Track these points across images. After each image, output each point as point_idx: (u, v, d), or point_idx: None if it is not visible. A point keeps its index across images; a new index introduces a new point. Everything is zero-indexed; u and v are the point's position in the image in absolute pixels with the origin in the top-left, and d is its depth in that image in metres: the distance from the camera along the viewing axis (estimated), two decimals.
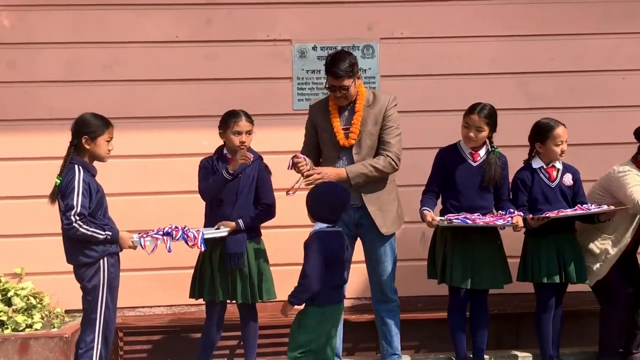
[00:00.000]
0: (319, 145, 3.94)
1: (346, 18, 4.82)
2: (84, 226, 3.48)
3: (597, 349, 4.17)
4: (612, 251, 3.95)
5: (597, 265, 3.97)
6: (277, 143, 4.50)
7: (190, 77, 4.72)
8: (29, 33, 4.63)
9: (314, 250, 3.36)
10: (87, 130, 3.57)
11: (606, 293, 4.03)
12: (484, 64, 4.86)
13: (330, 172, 3.73)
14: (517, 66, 4.87)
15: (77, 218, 3.46)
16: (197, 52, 4.73)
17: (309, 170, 3.69)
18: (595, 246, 3.99)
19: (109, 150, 3.64)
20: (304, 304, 3.42)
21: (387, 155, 3.83)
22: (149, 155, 4.66)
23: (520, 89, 4.87)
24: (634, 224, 3.92)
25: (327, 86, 3.84)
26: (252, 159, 3.80)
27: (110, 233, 3.56)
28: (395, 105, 3.91)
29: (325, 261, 3.37)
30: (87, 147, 3.58)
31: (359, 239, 3.98)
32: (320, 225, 3.44)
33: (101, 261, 3.53)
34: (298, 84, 4.80)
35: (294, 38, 4.79)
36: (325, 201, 3.43)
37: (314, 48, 4.82)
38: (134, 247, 3.64)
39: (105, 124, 3.63)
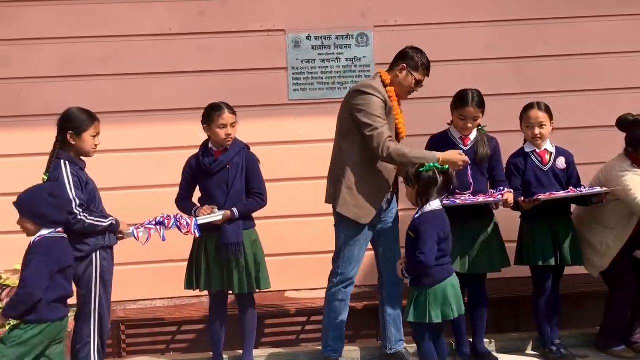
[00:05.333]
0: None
1: (339, 6, 4.81)
2: (89, 217, 3.47)
3: (596, 331, 4.19)
4: (614, 245, 3.94)
5: (599, 258, 3.97)
6: (274, 133, 4.50)
7: (185, 69, 4.72)
8: (23, 29, 4.62)
9: None
10: (72, 126, 3.52)
11: (614, 279, 4.03)
12: (479, 50, 4.86)
13: None
14: (512, 51, 4.87)
15: (80, 210, 3.45)
16: (191, 44, 4.73)
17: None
18: (597, 240, 3.97)
19: (96, 145, 3.58)
20: None
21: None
22: (145, 149, 4.67)
23: (515, 74, 4.87)
24: (635, 217, 3.89)
25: (414, 81, 3.80)
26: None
27: (113, 219, 3.56)
28: None
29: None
30: (73, 142, 3.52)
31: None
32: (48, 231, 3.22)
33: (93, 255, 3.50)
34: (293, 74, 4.79)
35: (288, 28, 4.78)
36: (59, 203, 3.25)
37: (308, 37, 4.81)
38: (123, 238, 3.61)
39: (90, 118, 3.56)
